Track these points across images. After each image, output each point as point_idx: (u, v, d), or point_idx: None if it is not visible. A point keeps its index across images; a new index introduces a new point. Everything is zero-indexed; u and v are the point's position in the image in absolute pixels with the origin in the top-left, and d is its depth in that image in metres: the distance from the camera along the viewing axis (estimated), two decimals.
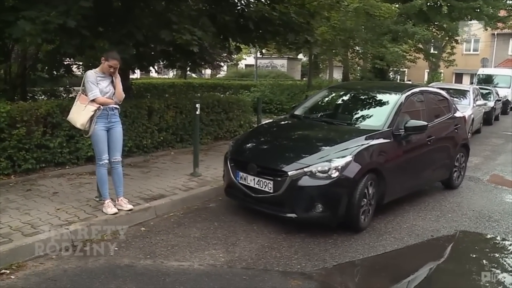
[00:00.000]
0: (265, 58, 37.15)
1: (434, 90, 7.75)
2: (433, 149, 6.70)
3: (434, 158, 6.88)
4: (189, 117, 9.13)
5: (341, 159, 5.15)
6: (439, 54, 27.87)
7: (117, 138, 5.36)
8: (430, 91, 7.49)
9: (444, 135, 7.09)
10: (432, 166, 6.85)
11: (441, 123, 7.03)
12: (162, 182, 6.77)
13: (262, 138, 6.37)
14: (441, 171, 7.14)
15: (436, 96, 7.45)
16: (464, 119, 7.40)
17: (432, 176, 7.06)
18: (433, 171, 6.91)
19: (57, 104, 7.04)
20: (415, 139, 6.17)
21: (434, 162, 6.90)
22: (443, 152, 7.08)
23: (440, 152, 7.01)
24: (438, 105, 7.34)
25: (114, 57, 5.24)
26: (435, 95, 7.45)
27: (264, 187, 5.29)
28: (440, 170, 7.10)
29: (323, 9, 11.26)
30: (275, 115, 15.72)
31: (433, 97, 7.34)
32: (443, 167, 7.15)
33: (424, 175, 6.72)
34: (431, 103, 7.12)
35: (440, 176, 7.23)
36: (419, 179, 6.63)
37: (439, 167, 7.06)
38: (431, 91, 7.55)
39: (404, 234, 5.40)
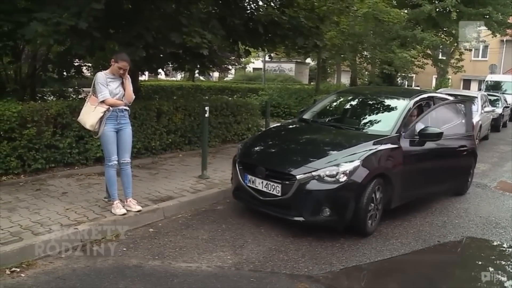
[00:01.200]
0: (273, 62, 37.19)
1: (442, 96, 7.74)
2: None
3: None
4: (197, 119, 9.17)
5: (349, 164, 5.16)
6: (448, 60, 27.80)
7: (126, 140, 5.40)
8: (438, 97, 7.48)
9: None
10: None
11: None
12: (170, 184, 6.80)
13: (271, 142, 6.39)
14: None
15: (446, 103, 7.42)
16: (472, 125, 7.39)
17: (443, 186, 6.99)
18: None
19: (67, 105, 7.10)
20: (427, 146, 6.14)
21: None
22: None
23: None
24: (448, 112, 7.31)
25: (123, 58, 5.29)
26: (445, 102, 7.43)
27: (272, 190, 5.31)
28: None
29: (332, 13, 11.32)
30: (283, 118, 15.75)
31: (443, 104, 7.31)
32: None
33: (434, 183, 6.66)
34: (441, 109, 7.09)
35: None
36: (428, 187, 6.58)
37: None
38: (440, 97, 7.54)
39: (411, 239, 5.40)
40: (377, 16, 16.83)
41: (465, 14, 21.43)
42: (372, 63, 24.48)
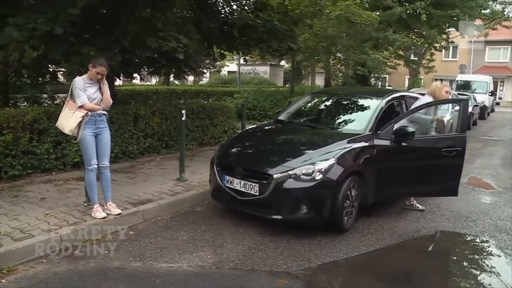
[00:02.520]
0: (248, 65, 37.28)
1: (414, 95, 7.96)
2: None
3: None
4: (174, 123, 9.23)
5: (325, 162, 5.31)
6: (419, 60, 28.39)
7: (105, 144, 5.45)
8: (410, 96, 7.70)
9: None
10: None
11: None
12: (149, 187, 6.86)
13: (248, 143, 6.51)
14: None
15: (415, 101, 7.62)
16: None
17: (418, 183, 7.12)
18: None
19: (43, 111, 7.09)
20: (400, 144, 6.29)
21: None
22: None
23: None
24: None
25: (101, 63, 5.34)
26: (415, 100, 7.63)
27: (250, 190, 5.42)
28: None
29: (306, 17, 11.52)
30: (259, 121, 15.86)
31: (413, 102, 7.52)
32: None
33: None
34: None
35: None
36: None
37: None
38: (412, 96, 7.76)
39: (386, 235, 5.58)
40: (349, 18, 17.11)
41: (434, 16, 22.00)
42: (345, 65, 24.83)
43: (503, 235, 5.74)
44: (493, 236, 5.72)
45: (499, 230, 5.92)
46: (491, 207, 6.96)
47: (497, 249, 5.36)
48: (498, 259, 5.15)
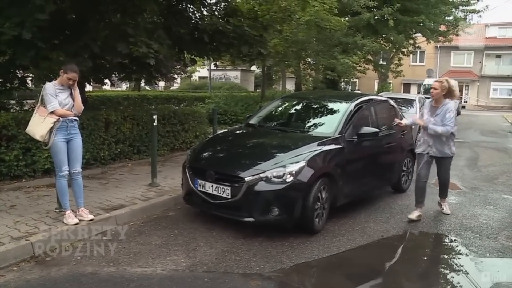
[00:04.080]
0: (219, 70, 37.37)
1: (382, 99, 8.17)
2: (382, 155, 7.13)
3: (383, 163, 7.28)
4: (145, 128, 9.22)
5: (295, 165, 5.41)
6: (388, 65, 28.93)
7: (77, 150, 5.44)
8: (378, 100, 7.90)
9: (392, 141, 7.47)
10: (381, 170, 7.25)
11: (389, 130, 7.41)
12: (121, 192, 6.85)
13: (219, 147, 6.57)
14: (390, 175, 7.52)
15: (384, 105, 7.85)
16: (410, 127, 7.83)
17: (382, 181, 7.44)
18: (382, 175, 7.30)
19: (12, 117, 7.00)
20: (366, 145, 6.53)
21: (384, 167, 7.30)
22: (391, 158, 7.47)
23: (389, 157, 7.40)
24: (386, 113, 7.74)
25: (73, 69, 5.33)
26: (383, 104, 7.86)
27: (222, 193, 5.48)
28: (389, 175, 7.49)
29: (275, 22, 11.65)
30: (230, 125, 15.89)
31: (381, 106, 7.73)
32: (392, 172, 7.54)
33: (374, 179, 7.10)
34: (379, 111, 7.50)
35: (389, 180, 7.60)
36: (369, 183, 7.01)
37: (388, 172, 7.45)
38: (380, 99, 7.96)
39: (357, 235, 5.71)
40: (319, 23, 17.32)
41: (401, 22, 22.51)
42: (315, 69, 25.10)
43: (468, 233, 5.94)
44: (459, 235, 5.92)
45: (464, 229, 6.13)
46: (457, 207, 7.18)
47: (463, 247, 5.55)
48: (465, 257, 5.33)
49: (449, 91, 6.21)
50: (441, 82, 6.26)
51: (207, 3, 10.84)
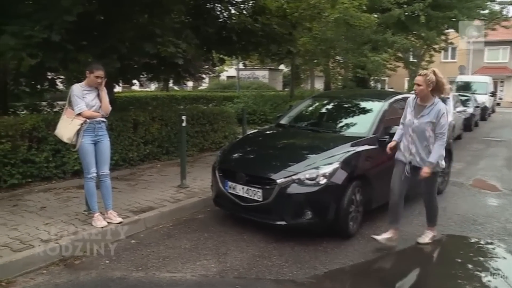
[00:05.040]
0: (247, 70, 37.30)
1: None
2: None
3: None
4: (174, 129, 9.15)
5: (329, 166, 5.22)
6: (419, 62, 28.31)
7: (104, 151, 5.37)
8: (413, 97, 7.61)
9: None
10: None
11: None
12: (150, 194, 6.76)
13: (249, 148, 6.43)
14: None
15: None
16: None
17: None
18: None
19: (42, 119, 7.01)
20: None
21: None
22: None
23: None
24: None
25: (99, 68, 5.27)
26: None
27: (253, 195, 5.33)
28: None
29: (304, 20, 11.44)
30: (259, 125, 15.77)
31: None
32: None
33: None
34: None
35: None
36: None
37: None
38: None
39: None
40: (348, 21, 17.05)
41: (433, 18, 21.91)
42: (345, 68, 24.77)
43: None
44: (502, 240, 5.61)
45: (508, 233, 5.81)
46: (498, 210, 6.85)
47: (507, 253, 5.26)
48: (508, 263, 5.04)
49: (437, 85, 4.94)
50: (425, 76, 4.94)
51: (235, 1, 10.72)
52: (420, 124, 4.98)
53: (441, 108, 4.92)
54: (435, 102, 4.96)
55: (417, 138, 5.03)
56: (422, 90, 4.96)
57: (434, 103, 4.95)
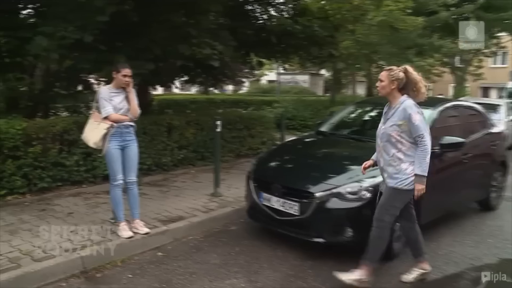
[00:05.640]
0: (287, 74, 36.93)
1: (468, 104, 7.30)
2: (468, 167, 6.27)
3: (470, 177, 6.43)
4: (210, 134, 8.82)
5: (372, 179, 4.75)
6: (466, 67, 27.17)
7: (132, 157, 5.07)
8: (463, 105, 7.06)
9: (480, 153, 6.61)
10: (467, 185, 6.40)
11: (477, 140, 6.55)
12: (181, 202, 6.46)
13: (287, 157, 6.02)
14: (477, 191, 6.67)
15: (471, 111, 6.99)
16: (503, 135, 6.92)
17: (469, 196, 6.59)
18: (469, 190, 6.45)
19: (73, 121, 6.82)
20: (450, 156, 5.74)
21: (470, 181, 6.44)
22: (479, 171, 6.60)
23: (476, 170, 6.54)
24: (473, 121, 6.87)
25: (124, 66, 5.01)
26: (469, 110, 7.00)
27: (289, 209, 4.93)
28: (476, 190, 6.64)
29: (347, 21, 10.95)
30: (298, 131, 15.36)
31: (467, 112, 6.88)
32: (479, 187, 6.68)
33: (460, 195, 6.27)
34: (465, 118, 6.66)
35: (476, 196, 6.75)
36: (455, 199, 6.19)
37: (475, 187, 6.60)
38: (465, 105, 7.11)
39: (441, 262, 4.94)
40: (392, 24, 16.40)
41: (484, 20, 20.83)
42: None
43: None
44: None
45: None
46: None
47: None
48: None
49: (407, 84, 4.13)
50: (389, 71, 4.18)
51: (275, 2, 10.35)
52: (385, 129, 4.21)
53: (407, 106, 4.06)
54: (400, 101, 4.13)
55: (383, 149, 4.27)
56: (384, 86, 4.17)
57: (400, 102, 4.12)
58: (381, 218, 4.19)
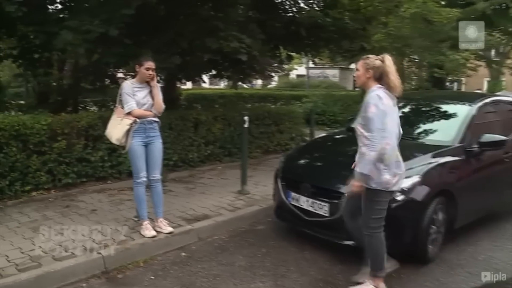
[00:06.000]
0: (317, 68, 36.49)
1: (509, 99, 6.89)
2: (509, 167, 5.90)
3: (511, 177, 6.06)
4: (237, 129, 8.66)
5: (407, 180, 4.42)
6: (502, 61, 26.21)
7: (156, 154, 4.91)
8: (505, 100, 6.66)
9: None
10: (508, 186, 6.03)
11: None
12: (207, 200, 6.30)
13: (317, 154, 5.78)
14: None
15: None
16: None
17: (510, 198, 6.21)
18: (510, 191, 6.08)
19: (99, 116, 6.75)
20: (489, 155, 5.40)
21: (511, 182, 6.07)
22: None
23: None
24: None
25: (148, 59, 4.86)
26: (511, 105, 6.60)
27: (318, 209, 4.70)
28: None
29: (380, 14, 10.55)
30: (328, 127, 15.09)
31: (509, 108, 6.49)
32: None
33: (501, 196, 5.91)
34: (507, 114, 6.28)
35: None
36: (495, 201, 5.84)
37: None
38: (506, 100, 6.71)
39: (481, 268, 4.58)
40: (426, 16, 15.85)
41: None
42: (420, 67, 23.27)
43: None
44: None
45: None
46: None
47: None
48: None
49: (383, 73, 3.80)
50: (365, 59, 3.92)
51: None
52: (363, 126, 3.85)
53: (370, 96, 3.74)
54: (370, 91, 3.80)
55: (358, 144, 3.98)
56: (359, 76, 3.91)
57: (369, 93, 3.80)
58: (367, 224, 3.89)
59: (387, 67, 3.79)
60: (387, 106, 3.69)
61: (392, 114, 3.73)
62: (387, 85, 3.80)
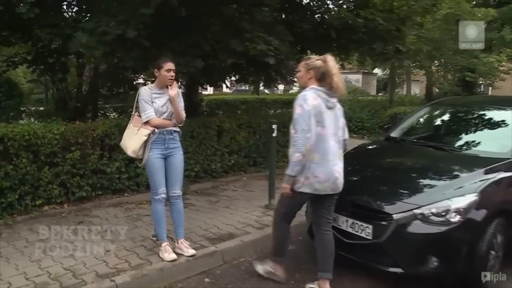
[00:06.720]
0: (340, 73, 35.81)
1: None
2: None
3: None
4: (263, 137, 8.16)
5: (462, 198, 3.88)
6: None
7: (176, 168, 4.41)
8: None
9: None
10: None
11: None
12: (232, 216, 5.78)
13: (352, 168, 5.18)
14: None
15: None
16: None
17: None
18: None
19: (115, 124, 6.28)
20: None
21: None
22: None
23: None
24: None
25: (166, 60, 4.40)
26: None
27: (360, 231, 4.13)
28: None
29: (415, 13, 9.87)
30: (355, 133, 14.46)
31: None
32: None
33: None
34: None
35: None
36: None
37: None
38: None
39: None
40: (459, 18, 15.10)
41: None
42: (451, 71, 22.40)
43: None
44: None
45: None
46: None
47: None
48: None
49: (325, 74, 3.84)
50: (306, 60, 4.01)
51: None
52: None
53: (297, 97, 3.88)
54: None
55: None
56: (300, 77, 4.06)
57: None
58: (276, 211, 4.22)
59: (329, 67, 3.83)
60: (314, 107, 3.73)
61: (321, 115, 3.77)
62: (329, 85, 3.84)
